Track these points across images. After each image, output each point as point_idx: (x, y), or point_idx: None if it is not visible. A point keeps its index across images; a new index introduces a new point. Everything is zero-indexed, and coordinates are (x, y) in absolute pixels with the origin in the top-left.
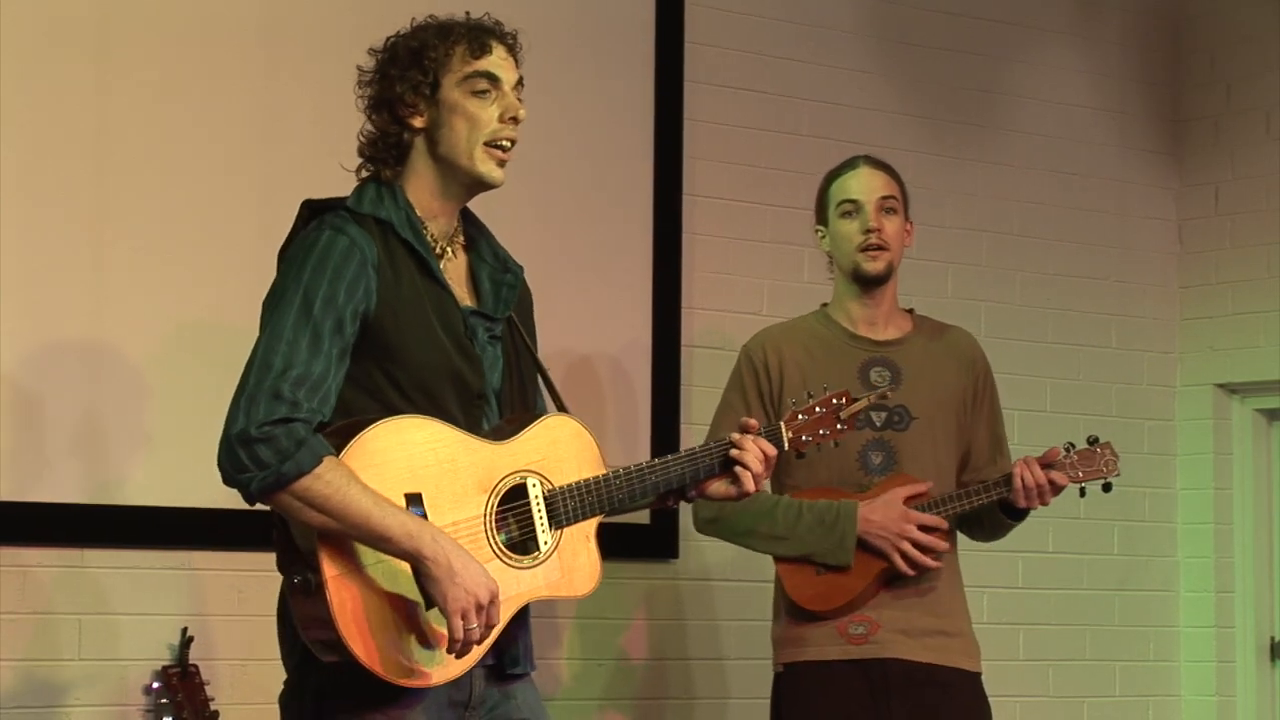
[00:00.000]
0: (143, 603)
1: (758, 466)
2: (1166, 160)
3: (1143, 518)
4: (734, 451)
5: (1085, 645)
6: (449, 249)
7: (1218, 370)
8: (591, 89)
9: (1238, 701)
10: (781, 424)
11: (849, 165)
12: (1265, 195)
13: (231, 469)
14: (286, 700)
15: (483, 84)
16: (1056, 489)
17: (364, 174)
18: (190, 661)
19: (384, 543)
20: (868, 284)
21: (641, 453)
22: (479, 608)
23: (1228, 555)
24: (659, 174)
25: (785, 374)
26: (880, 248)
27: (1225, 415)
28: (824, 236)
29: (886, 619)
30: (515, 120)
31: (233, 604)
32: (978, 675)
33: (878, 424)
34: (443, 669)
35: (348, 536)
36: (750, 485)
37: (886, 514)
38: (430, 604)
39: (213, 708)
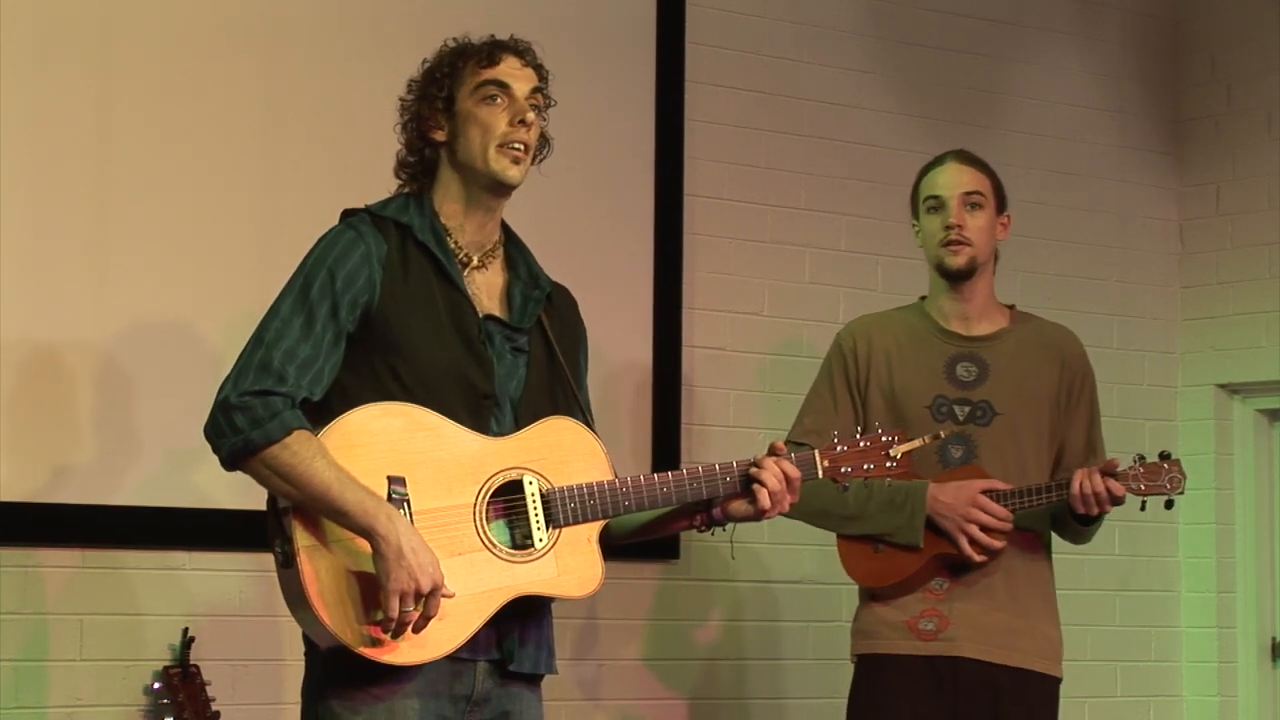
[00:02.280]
0: (144, 603)
1: (775, 485)
2: (1167, 160)
3: (1144, 518)
4: (753, 470)
5: (1086, 645)
6: (481, 261)
7: (1219, 371)
8: (593, 89)
9: (1239, 702)
10: (816, 452)
11: (937, 161)
12: (1266, 195)
13: (211, 433)
14: (302, 689)
15: (492, 91)
16: (1115, 499)
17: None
18: (191, 662)
19: (341, 516)
20: (953, 278)
21: (643, 452)
22: (418, 595)
23: (1229, 555)
24: (660, 174)
25: (873, 362)
26: (961, 243)
27: (1226, 416)
28: (917, 231)
29: (957, 615)
30: (524, 123)
31: (234, 605)
32: (1050, 678)
33: (960, 418)
34: (416, 649)
35: (311, 509)
36: (765, 502)
37: (957, 496)
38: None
39: (214, 708)
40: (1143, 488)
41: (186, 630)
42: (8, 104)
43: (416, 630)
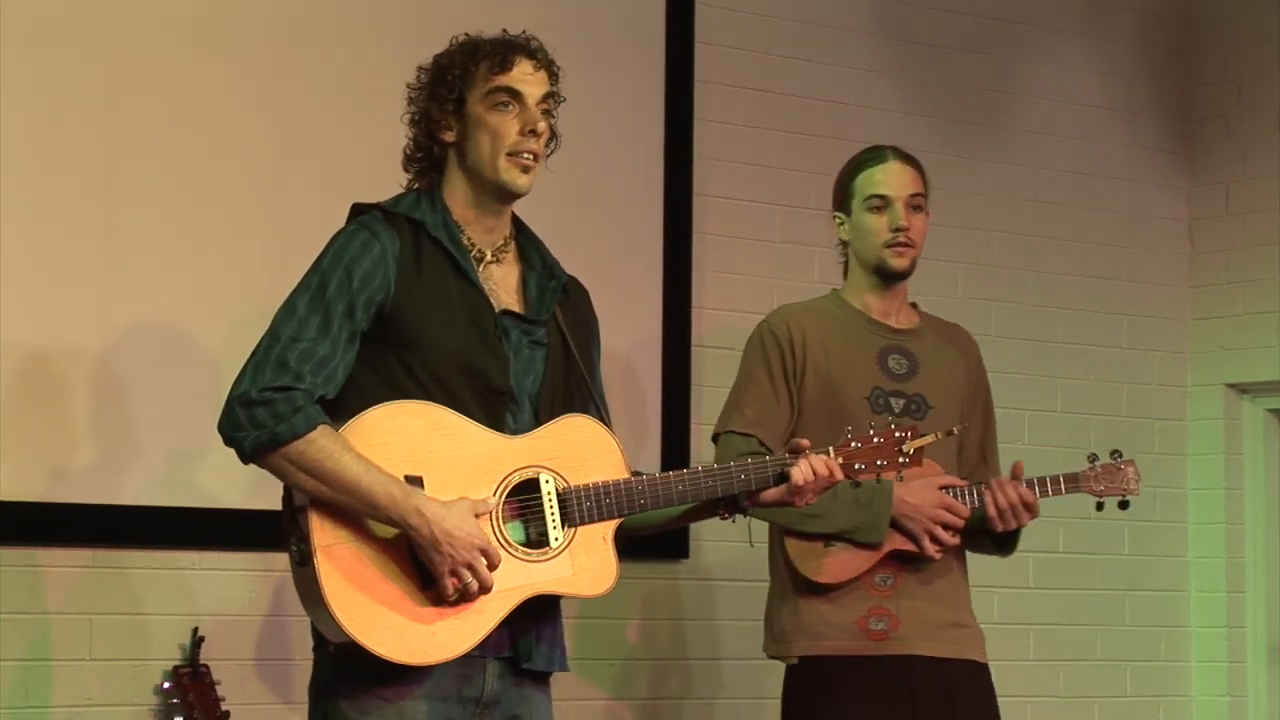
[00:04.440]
0: (154, 603)
1: (809, 475)
2: (1177, 160)
3: (1154, 518)
4: (790, 469)
5: (1096, 645)
6: (495, 256)
7: (1229, 370)
8: (602, 89)
9: (1249, 702)
10: (831, 449)
11: (878, 157)
12: (1276, 195)
13: (229, 429)
14: (309, 688)
15: (504, 98)
16: (1029, 507)
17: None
18: (201, 662)
19: (373, 509)
20: (890, 279)
21: (652, 453)
22: (468, 566)
23: (1239, 555)
24: (669, 174)
25: (809, 350)
26: (908, 245)
27: (1236, 415)
28: (843, 224)
29: (906, 612)
30: (535, 133)
31: (244, 604)
32: (987, 667)
33: (896, 410)
34: (431, 649)
35: (337, 503)
36: (800, 479)
37: (924, 497)
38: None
39: (224, 708)
40: (1102, 488)
41: (196, 630)
42: (10, 102)
43: (480, 592)
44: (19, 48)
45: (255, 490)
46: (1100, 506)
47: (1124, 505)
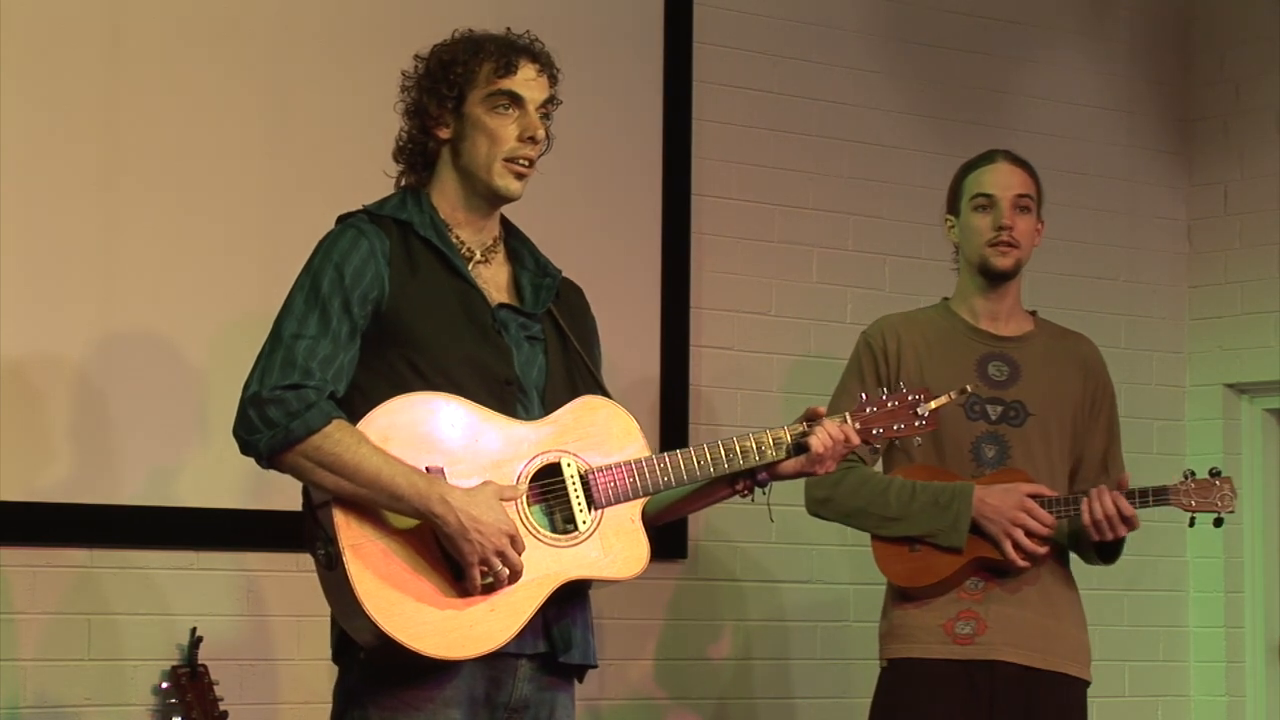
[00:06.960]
0: (152, 603)
1: (827, 441)
2: (1175, 160)
3: (1151, 517)
4: (810, 430)
5: (1094, 645)
6: (485, 256)
7: (1227, 370)
8: (600, 89)
9: (1247, 702)
10: (848, 414)
11: (987, 159)
12: (1274, 195)
13: (244, 431)
14: (334, 690)
15: (504, 101)
16: (1126, 519)
17: (401, 180)
18: (199, 662)
19: (396, 501)
20: (994, 279)
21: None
22: (497, 553)
23: (1237, 555)
24: (667, 174)
25: (903, 359)
26: (1011, 245)
27: (1235, 415)
28: (953, 227)
29: (994, 617)
30: (533, 140)
31: (242, 604)
32: (1083, 682)
33: (993, 417)
34: (471, 643)
35: (359, 498)
36: (819, 447)
37: (1004, 500)
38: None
39: (222, 708)
40: (1193, 504)
41: (194, 630)
42: (17, 97)
43: (509, 582)
44: (18, 50)
45: (253, 490)
46: (1192, 522)
47: (1218, 523)
